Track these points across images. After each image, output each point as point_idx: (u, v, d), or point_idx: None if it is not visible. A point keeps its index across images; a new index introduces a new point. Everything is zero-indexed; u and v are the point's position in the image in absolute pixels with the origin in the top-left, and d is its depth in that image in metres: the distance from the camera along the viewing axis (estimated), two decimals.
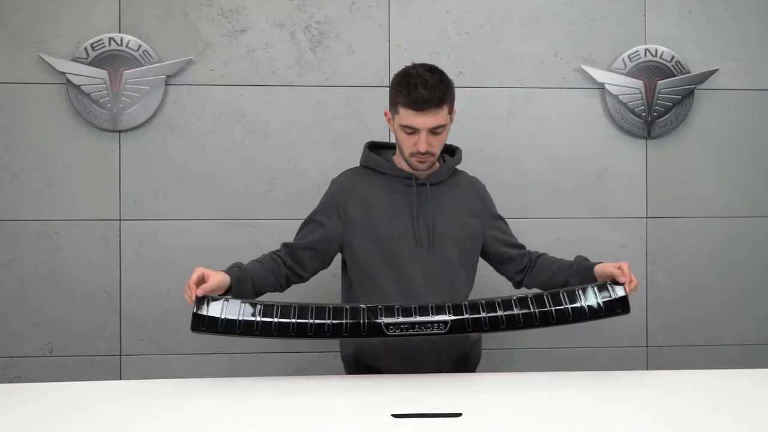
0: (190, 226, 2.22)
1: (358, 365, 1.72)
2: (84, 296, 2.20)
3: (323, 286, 1.99)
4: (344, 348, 1.77)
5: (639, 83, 2.28)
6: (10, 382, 2.17)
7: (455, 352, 1.72)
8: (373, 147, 1.79)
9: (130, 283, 2.21)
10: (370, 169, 1.74)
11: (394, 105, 1.62)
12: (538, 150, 2.30)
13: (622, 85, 2.27)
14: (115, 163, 2.20)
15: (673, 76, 2.29)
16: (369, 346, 1.69)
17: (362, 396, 1.43)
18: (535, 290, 1.63)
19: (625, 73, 2.27)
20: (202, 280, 1.48)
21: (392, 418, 1.29)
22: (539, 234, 2.30)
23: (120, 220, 2.21)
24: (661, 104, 2.28)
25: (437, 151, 1.64)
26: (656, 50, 2.28)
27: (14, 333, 2.19)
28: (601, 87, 2.29)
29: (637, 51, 2.28)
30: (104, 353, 2.21)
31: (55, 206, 2.19)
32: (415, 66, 1.61)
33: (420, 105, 1.56)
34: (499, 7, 2.28)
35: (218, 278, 1.50)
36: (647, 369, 2.32)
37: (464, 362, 1.75)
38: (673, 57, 2.28)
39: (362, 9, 2.25)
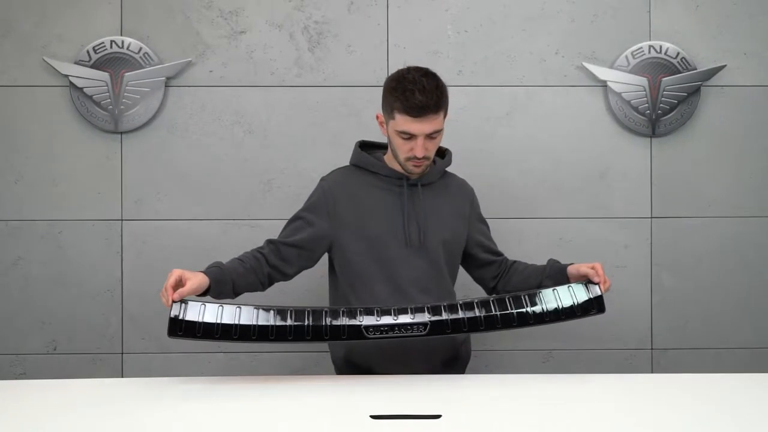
0: (190, 226, 2.24)
1: (349, 366, 1.71)
2: (87, 295, 2.24)
3: (311, 287, 1.99)
4: (334, 350, 1.76)
5: (643, 80, 2.23)
6: (16, 378, 2.21)
7: (446, 352, 1.71)
8: (365, 146, 1.79)
9: (131, 283, 2.24)
10: (360, 168, 1.74)
11: (389, 110, 1.61)
12: (540, 149, 2.27)
13: (625, 82, 2.22)
14: (117, 164, 2.24)
15: (679, 72, 2.23)
16: (360, 347, 1.67)
17: (342, 397, 1.43)
18: (514, 292, 1.63)
19: (628, 70, 2.23)
20: (179, 283, 1.46)
21: (371, 419, 1.29)
22: (541, 234, 2.27)
23: (122, 220, 2.24)
24: (666, 102, 2.23)
25: (432, 155, 1.65)
26: (661, 46, 2.23)
27: (20, 331, 2.24)
28: (604, 85, 2.24)
29: (641, 47, 2.23)
30: (106, 351, 2.25)
31: (59, 207, 2.23)
32: (409, 70, 1.60)
33: (418, 111, 1.55)
34: (499, 5, 2.26)
35: (196, 281, 1.47)
36: (652, 372, 2.27)
37: (455, 362, 1.75)
38: (678, 53, 2.23)
39: (361, 8, 2.24)
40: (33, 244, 2.23)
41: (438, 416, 1.29)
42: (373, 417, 1.29)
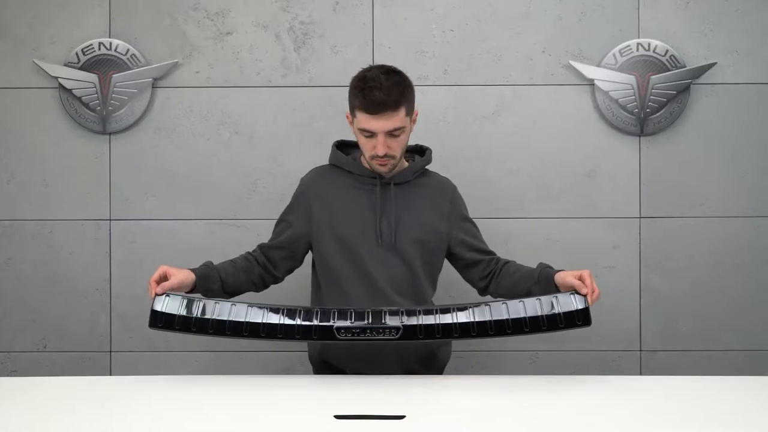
0: (177, 226, 2.26)
1: (324, 366, 1.74)
2: (77, 294, 2.27)
3: (297, 286, 1.99)
4: (311, 349, 1.78)
5: (631, 78, 2.20)
6: (8, 375, 2.25)
7: (420, 352, 1.70)
8: (342, 146, 1.80)
9: (120, 282, 2.27)
10: (337, 167, 1.75)
11: (352, 109, 1.63)
12: (526, 148, 2.25)
13: (612, 80, 2.20)
14: (106, 164, 2.26)
15: (668, 70, 2.20)
16: (333, 347, 1.69)
17: (310, 396, 1.44)
18: (495, 298, 1.62)
19: (616, 68, 2.20)
20: (164, 278, 1.53)
21: (334, 419, 1.29)
22: (528, 234, 2.26)
23: (110, 220, 2.26)
24: (654, 100, 2.20)
25: (397, 153, 1.64)
26: (649, 44, 2.20)
27: (12, 329, 2.27)
28: (591, 83, 2.22)
29: (629, 45, 2.20)
30: (95, 349, 2.27)
31: (49, 206, 2.26)
32: (371, 68, 1.62)
33: (375, 108, 1.56)
34: (485, 4, 2.25)
35: (181, 276, 1.54)
36: (641, 374, 2.24)
37: (431, 362, 1.74)
38: (667, 51, 2.20)
39: (346, 8, 2.25)
40: (25, 243, 2.26)
41: (402, 417, 1.29)
42: (337, 417, 1.29)
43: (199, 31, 2.25)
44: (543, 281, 1.61)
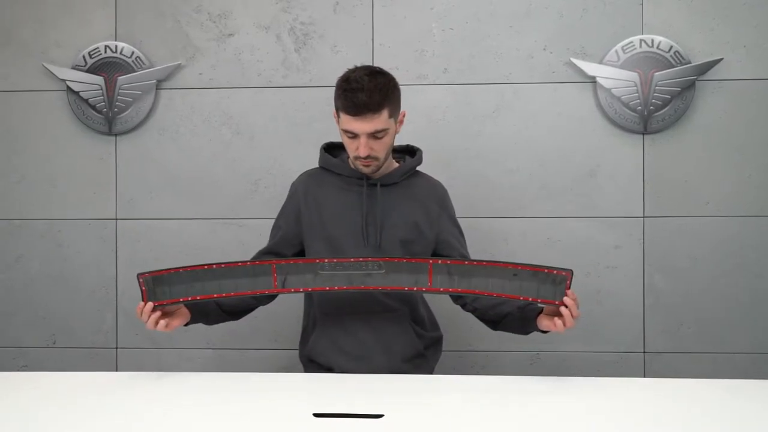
0: (180, 226, 2.30)
1: (312, 365, 1.74)
2: (84, 292, 2.33)
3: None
4: (301, 350, 1.80)
5: (634, 75, 2.16)
6: (19, 370, 2.32)
7: (407, 350, 1.71)
8: (331, 148, 1.81)
9: (125, 280, 2.31)
10: (326, 170, 1.76)
11: (336, 109, 1.64)
12: (527, 147, 2.23)
13: (615, 78, 2.16)
14: (112, 164, 2.31)
15: (672, 67, 2.16)
16: (320, 346, 1.71)
17: (290, 394, 1.45)
18: (467, 311, 1.67)
19: (618, 65, 2.17)
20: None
21: (313, 417, 1.30)
22: (529, 234, 2.24)
23: (116, 219, 2.31)
24: (658, 97, 2.16)
25: (381, 155, 1.63)
26: (652, 40, 2.16)
27: (22, 325, 2.34)
28: (593, 81, 2.19)
29: (632, 42, 2.17)
30: (102, 346, 2.32)
31: (57, 206, 2.32)
32: (356, 69, 1.62)
33: (356, 110, 1.55)
34: (485, 2, 2.23)
35: (171, 307, 1.59)
36: (644, 376, 2.20)
37: (420, 362, 1.73)
38: (671, 47, 2.16)
39: (346, 8, 2.25)
40: (34, 242, 2.33)
41: (380, 416, 1.29)
42: (316, 415, 1.30)
43: (202, 33, 2.28)
44: (528, 310, 1.56)
